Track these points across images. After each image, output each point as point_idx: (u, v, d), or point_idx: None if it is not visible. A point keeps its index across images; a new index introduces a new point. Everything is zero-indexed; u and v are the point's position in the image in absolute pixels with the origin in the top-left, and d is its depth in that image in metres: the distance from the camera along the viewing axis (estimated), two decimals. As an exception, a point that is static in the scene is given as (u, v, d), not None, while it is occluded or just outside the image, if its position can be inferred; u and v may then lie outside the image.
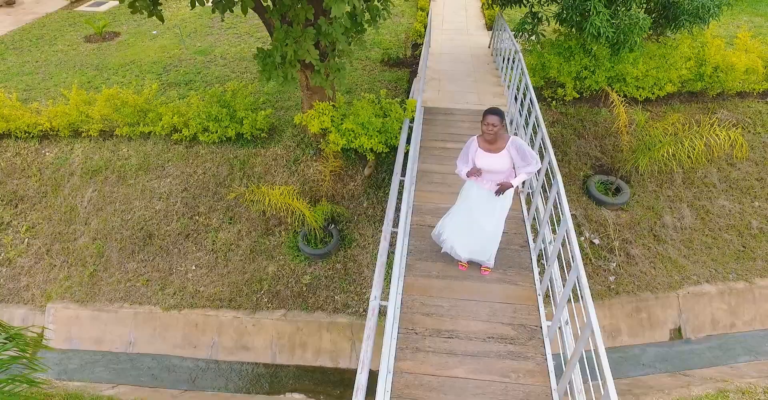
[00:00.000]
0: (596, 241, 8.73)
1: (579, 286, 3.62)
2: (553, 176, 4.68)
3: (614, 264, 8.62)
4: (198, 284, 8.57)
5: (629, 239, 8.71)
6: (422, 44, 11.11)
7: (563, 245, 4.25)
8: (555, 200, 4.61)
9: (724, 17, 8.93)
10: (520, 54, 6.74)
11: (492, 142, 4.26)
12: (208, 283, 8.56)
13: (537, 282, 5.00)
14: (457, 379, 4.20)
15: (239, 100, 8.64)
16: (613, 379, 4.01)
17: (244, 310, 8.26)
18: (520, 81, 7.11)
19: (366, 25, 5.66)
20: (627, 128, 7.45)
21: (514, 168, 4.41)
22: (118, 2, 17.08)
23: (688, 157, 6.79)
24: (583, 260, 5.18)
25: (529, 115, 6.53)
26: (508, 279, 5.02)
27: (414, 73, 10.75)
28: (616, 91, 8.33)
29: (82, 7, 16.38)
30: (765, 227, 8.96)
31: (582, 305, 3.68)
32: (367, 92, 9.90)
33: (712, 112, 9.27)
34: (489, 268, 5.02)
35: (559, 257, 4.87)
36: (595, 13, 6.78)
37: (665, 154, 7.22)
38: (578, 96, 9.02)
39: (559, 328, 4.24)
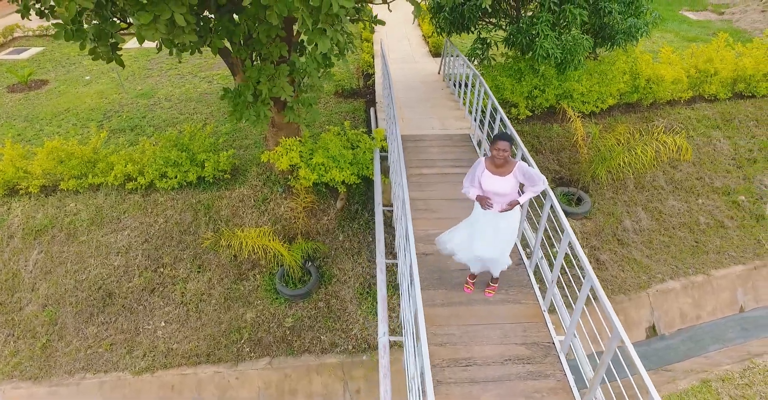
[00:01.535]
0: (567, 251, 9.04)
1: (597, 295, 3.69)
2: (545, 194, 4.82)
3: (565, 271, 8.95)
4: (170, 341, 7.94)
5: (596, 245, 9.11)
6: (373, 74, 11.33)
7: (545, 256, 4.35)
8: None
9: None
10: (481, 78, 7.02)
11: (500, 166, 4.34)
12: (181, 339, 7.96)
13: (540, 298, 5.06)
14: (485, 408, 4.10)
15: (198, 143, 8.31)
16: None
17: (224, 363, 7.72)
18: (481, 104, 7.38)
19: (334, 59, 5.69)
20: (584, 141, 7.90)
21: (520, 189, 4.51)
22: (41, 48, 16.12)
23: (648, 165, 7.27)
24: (548, 269, 5.31)
25: (492, 133, 6.77)
26: (512, 299, 5.05)
27: (370, 103, 10.89)
28: (564, 108, 8.85)
29: (1, 55, 15.32)
30: (711, 222, 9.70)
31: (600, 314, 3.74)
32: (325, 125, 9.88)
33: (649, 121, 10.06)
34: (494, 288, 5.03)
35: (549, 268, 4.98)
36: (543, 36, 7.24)
37: (621, 162, 7.69)
38: (531, 114, 9.49)
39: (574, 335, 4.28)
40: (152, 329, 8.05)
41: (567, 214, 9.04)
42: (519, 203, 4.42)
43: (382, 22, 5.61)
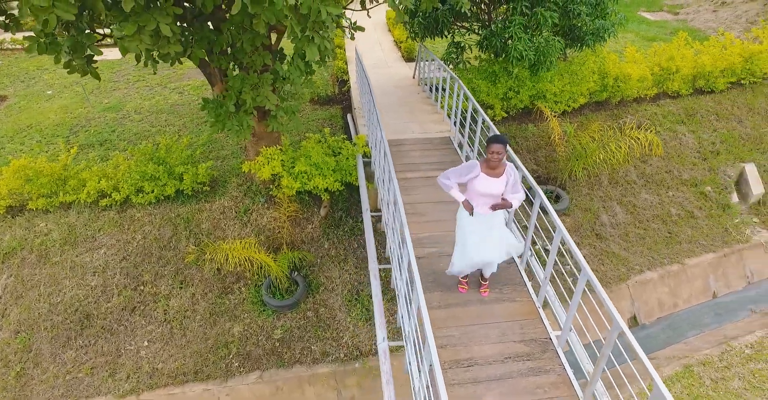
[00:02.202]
0: (548, 248, 9.24)
1: (594, 288, 3.77)
2: (535, 192, 4.92)
3: (569, 267, 9.15)
4: (154, 361, 7.69)
5: (576, 240, 9.33)
6: (348, 80, 11.32)
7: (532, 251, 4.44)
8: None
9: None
10: (460, 81, 7.12)
11: (495, 167, 4.39)
12: (166, 358, 7.71)
13: (533, 295, 5.14)
14: (490, 407, 4.12)
15: (175, 155, 8.11)
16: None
17: (213, 380, 7.52)
18: (461, 107, 7.48)
19: (315, 66, 5.66)
20: (561, 140, 8.11)
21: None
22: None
23: (624, 160, 7.51)
24: (538, 266, 5.43)
25: (474, 135, 6.88)
26: (506, 297, 5.11)
27: (346, 109, 10.88)
28: (538, 108, 9.07)
29: (-47, 73, 14.58)
30: (682, 213, 10.09)
31: (588, 306, 3.83)
32: (303, 133, 9.81)
33: (618, 118, 10.41)
34: (486, 285, 5.08)
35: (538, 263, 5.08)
36: (516, 39, 7.41)
37: (597, 159, 7.93)
38: (506, 115, 9.68)
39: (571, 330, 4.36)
40: (135, 350, 7.78)
41: (546, 212, 9.23)
42: (512, 206, 4.48)
43: (362, 29, 5.63)
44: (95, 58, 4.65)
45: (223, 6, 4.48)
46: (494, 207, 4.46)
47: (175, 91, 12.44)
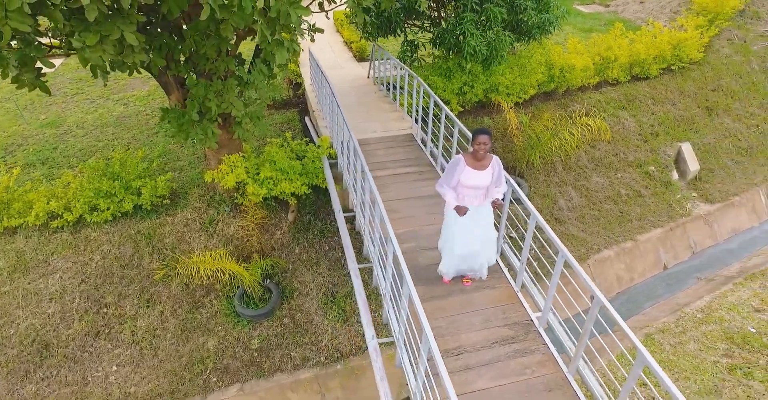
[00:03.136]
0: (512, 234, 9.57)
1: (573, 269, 3.98)
2: (506, 181, 5.12)
3: (533, 251, 9.53)
4: (125, 385, 7.35)
5: (538, 226, 9.72)
6: (302, 83, 11.22)
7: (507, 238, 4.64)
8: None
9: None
10: (419, 78, 7.25)
11: (481, 159, 4.51)
12: (138, 380, 7.39)
13: (511, 280, 5.34)
14: (483, 391, 4.26)
15: (130, 169, 7.76)
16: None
17: (191, 398, 7.29)
18: (422, 103, 7.61)
19: (277, 70, 5.59)
20: (517, 131, 8.42)
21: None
22: None
23: (576, 146, 7.90)
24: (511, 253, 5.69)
25: (438, 130, 7.03)
26: (486, 285, 5.28)
27: (303, 113, 10.78)
28: (494, 100, 9.38)
29: None
30: (630, 193, 10.74)
31: (567, 286, 4.04)
32: (262, 138, 9.65)
33: (566, 107, 10.93)
34: (470, 276, 5.23)
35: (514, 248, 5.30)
36: (469, 35, 7.64)
37: (552, 147, 8.30)
38: (462, 109, 9.93)
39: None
40: (103, 376, 7.40)
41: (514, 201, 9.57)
42: (501, 202, 4.64)
43: (321, 30, 5.62)
44: (44, 71, 4.39)
45: (184, 12, 4.34)
46: (494, 205, 4.60)
47: (120, 103, 11.86)
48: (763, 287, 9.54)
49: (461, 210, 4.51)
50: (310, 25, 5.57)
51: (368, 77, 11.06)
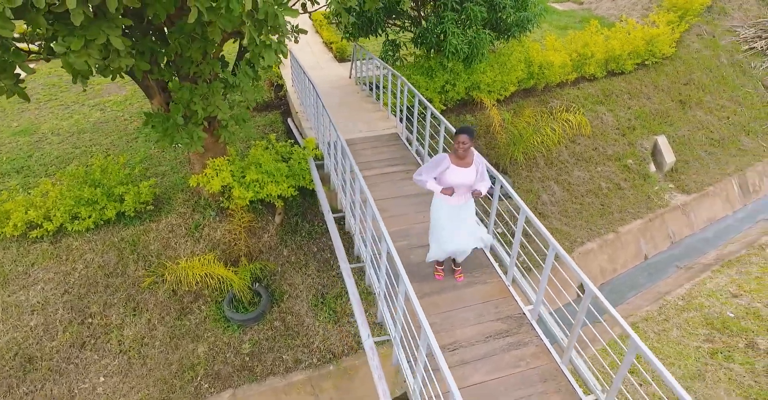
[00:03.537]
0: (499, 230, 9.70)
1: (564, 261, 4.07)
2: (495, 176, 5.21)
3: (522, 246, 9.68)
4: (114, 396, 7.21)
5: (527, 220, 9.87)
6: (284, 85, 11.16)
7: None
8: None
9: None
10: (403, 77, 7.28)
11: (463, 157, 4.57)
12: (127, 391, 7.26)
13: (502, 275, 5.42)
14: (480, 384, 4.32)
15: (112, 176, 7.61)
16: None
17: (184, 406, 7.19)
18: (406, 103, 7.65)
19: (261, 72, 5.55)
20: (500, 128, 8.53)
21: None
22: None
23: (557, 141, 8.05)
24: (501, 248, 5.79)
25: (424, 129, 7.08)
26: (478, 280, 5.35)
27: (285, 114, 10.72)
28: (476, 98, 9.48)
29: None
30: (610, 186, 10.99)
31: (555, 276, 4.13)
32: (246, 141, 9.55)
33: (545, 103, 11.12)
34: (460, 270, 5.29)
35: (504, 243, 5.38)
36: (451, 34, 7.71)
37: (534, 143, 8.44)
38: (444, 108, 10.01)
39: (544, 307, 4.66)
40: (90, 388, 7.24)
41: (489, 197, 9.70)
42: (482, 194, 4.71)
43: (305, 31, 5.61)
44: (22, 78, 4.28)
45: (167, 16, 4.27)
46: (474, 195, 4.67)
47: (96, 109, 11.59)
48: (739, 273, 9.88)
49: (448, 190, 4.55)
50: (293, 26, 5.55)
51: (350, 77, 11.06)
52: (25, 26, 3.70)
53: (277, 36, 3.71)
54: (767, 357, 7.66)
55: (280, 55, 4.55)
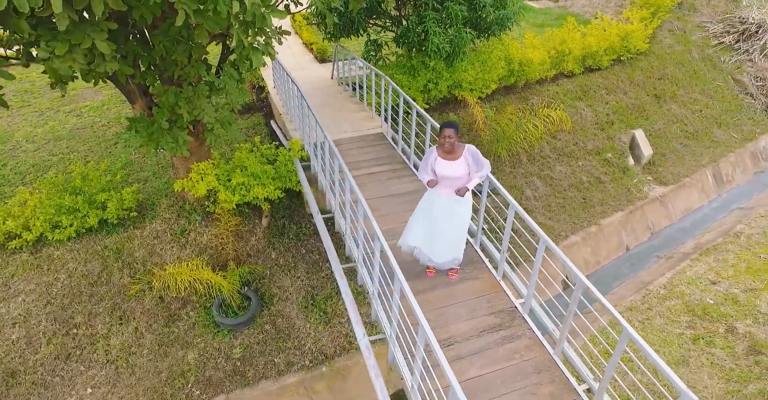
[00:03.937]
0: (485, 226, 9.81)
1: (554, 254, 4.15)
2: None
3: (511, 240, 9.80)
4: (104, 407, 7.07)
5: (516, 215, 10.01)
6: (265, 87, 11.07)
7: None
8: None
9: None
10: (387, 77, 7.31)
11: (450, 151, 4.62)
12: (116, 401, 7.13)
13: (492, 270, 5.49)
14: (476, 378, 4.38)
15: (93, 183, 7.45)
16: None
17: (175, 414, 7.10)
18: (391, 102, 7.68)
19: (245, 74, 5.51)
20: (483, 125, 8.63)
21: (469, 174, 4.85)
22: None
23: (539, 137, 8.18)
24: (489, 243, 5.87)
25: (410, 128, 7.12)
26: (469, 276, 5.41)
27: (268, 116, 10.64)
28: (459, 96, 9.57)
29: None
30: (591, 180, 11.21)
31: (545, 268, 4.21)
32: (229, 144, 9.46)
33: (526, 100, 11.28)
34: (457, 269, 5.34)
35: (494, 237, 5.46)
36: (432, 33, 7.77)
37: (517, 139, 8.56)
38: (427, 106, 10.07)
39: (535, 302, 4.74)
40: (78, 400, 7.09)
41: (476, 194, 9.80)
42: (468, 189, 4.77)
43: (288, 33, 5.58)
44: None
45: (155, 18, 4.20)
46: (458, 193, 4.73)
47: (72, 115, 11.32)
48: (717, 261, 10.19)
49: (431, 183, 4.67)
50: (276, 27, 5.52)
51: (332, 78, 11.04)
52: (1, 31, 3.61)
53: (264, 38, 3.69)
54: (746, 341, 7.93)
55: (269, 57, 4.54)
